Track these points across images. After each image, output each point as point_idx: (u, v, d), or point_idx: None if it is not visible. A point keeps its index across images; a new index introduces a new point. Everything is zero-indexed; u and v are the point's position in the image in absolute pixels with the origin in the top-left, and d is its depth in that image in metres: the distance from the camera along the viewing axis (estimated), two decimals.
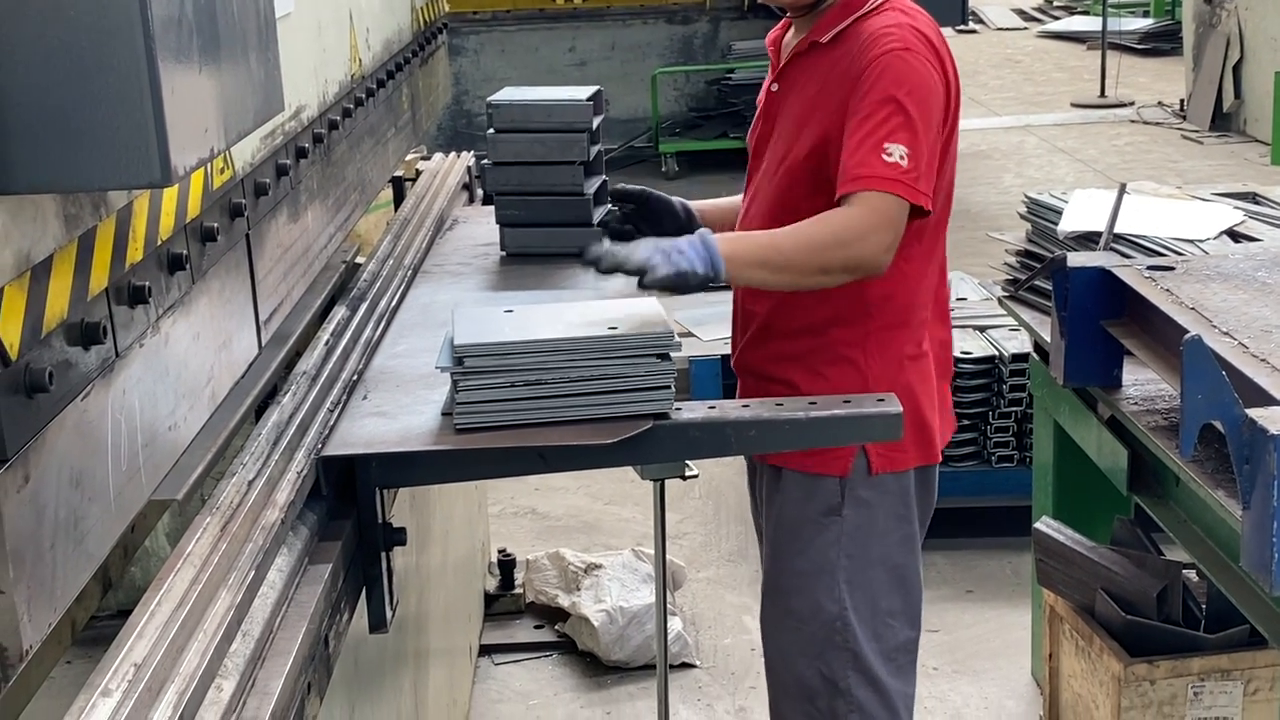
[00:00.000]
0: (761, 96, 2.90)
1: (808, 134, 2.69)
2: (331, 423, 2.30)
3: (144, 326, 1.84)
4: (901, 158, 2.54)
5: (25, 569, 1.48)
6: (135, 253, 1.80)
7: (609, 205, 3.42)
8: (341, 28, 3.13)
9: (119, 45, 1.43)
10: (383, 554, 2.26)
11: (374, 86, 3.43)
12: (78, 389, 1.63)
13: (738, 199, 3.00)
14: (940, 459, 2.85)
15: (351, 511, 2.23)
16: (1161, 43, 16.21)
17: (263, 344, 2.44)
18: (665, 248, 2.52)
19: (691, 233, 2.57)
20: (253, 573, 1.82)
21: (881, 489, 2.73)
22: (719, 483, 5.57)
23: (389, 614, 2.29)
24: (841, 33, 2.69)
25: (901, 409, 2.34)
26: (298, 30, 2.67)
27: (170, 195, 1.93)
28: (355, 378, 2.51)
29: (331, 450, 2.22)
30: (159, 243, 1.89)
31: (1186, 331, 2.65)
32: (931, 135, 2.60)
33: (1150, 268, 3.18)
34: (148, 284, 1.82)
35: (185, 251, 1.98)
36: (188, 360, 2.02)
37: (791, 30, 2.85)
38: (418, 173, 4.26)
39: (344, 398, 2.41)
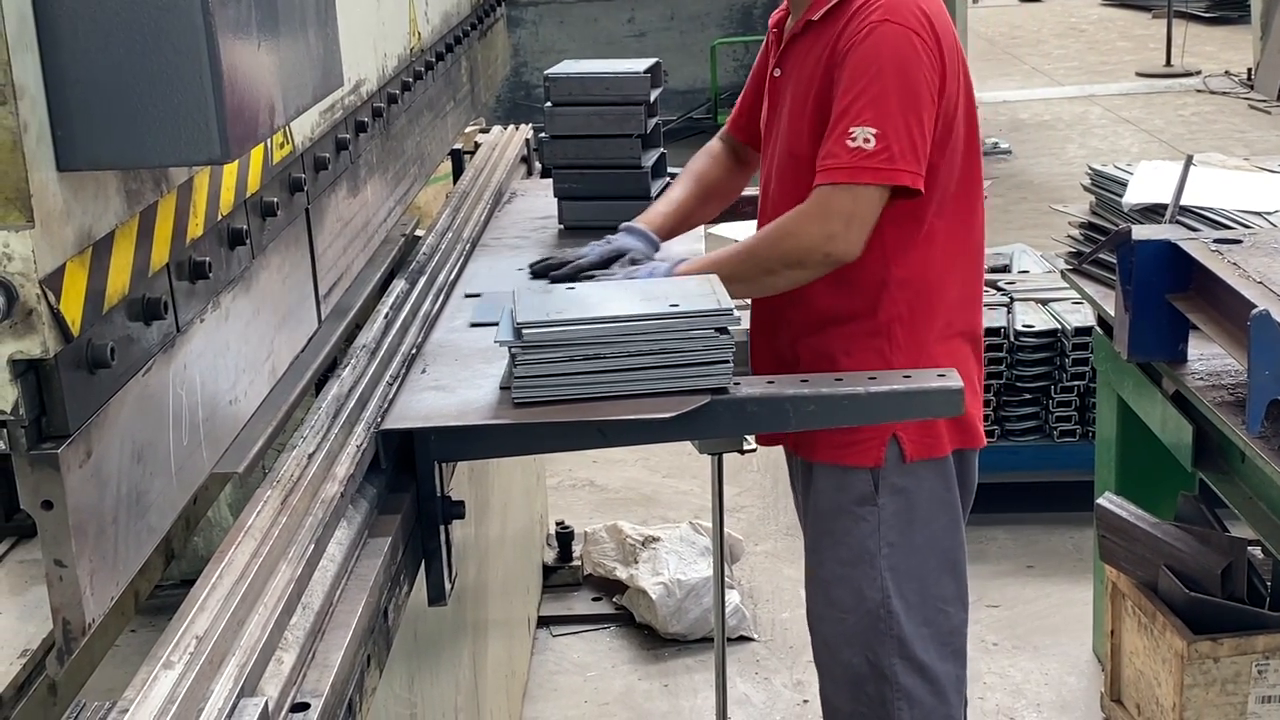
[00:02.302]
0: (766, 81, 2.81)
1: (807, 122, 2.62)
2: (390, 396, 2.31)
3: (205, 302, 1.85)
4: (866, 140, 2.47)
5: (88, 543, 1.49)
6: (196, 228, 1.81)
7: (666, 179, 3.41)
8: (400, 0, 3.12)
9: (178, 20, 1.43)
10: (441, 527, 2.27)
11: (433, 59, 3.43)
12: (139, 365, 1.64)
13: (675, 197, 3.00)
14: (982, 443, 2.79)
15: (410, 484, 2.24)
16: (1228, 11, 15.97)
17: (322, 318, 2.45)
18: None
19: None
20: (313, 546, 1.83)
21: (919, 476, 2.68)
22: (776, 455, 5.50)
23: (448, 587, 2.30)
24: (834, 9, 2.60)
25: (963, 384, 2.32)
26: (356, 3, 2.67)
27: (230, 171, 1.93)
28: (414, 351, 2.52)
29: (390, 424, 2.23)
30: (219, 218, 1.90)
31: (1254, 305, 2.61)
32: (915, 108, 2.50)
33: (1217, 240, 3.14)
34: (208, 259, 1.82)
35: (245, 227, 1.98)
36: (248, 335, 2.03)
37: (790, 12, 2.77)
38: (476, 145, 4.26)
39: (403, 371, 2.42)
